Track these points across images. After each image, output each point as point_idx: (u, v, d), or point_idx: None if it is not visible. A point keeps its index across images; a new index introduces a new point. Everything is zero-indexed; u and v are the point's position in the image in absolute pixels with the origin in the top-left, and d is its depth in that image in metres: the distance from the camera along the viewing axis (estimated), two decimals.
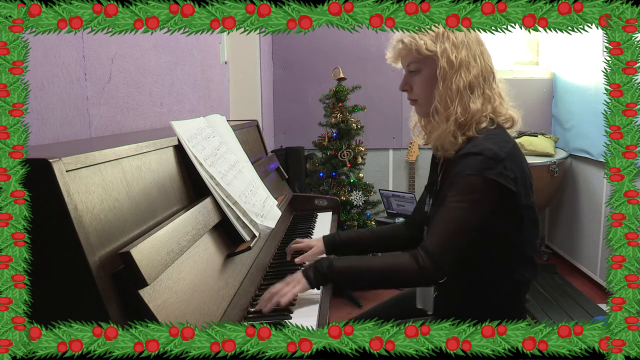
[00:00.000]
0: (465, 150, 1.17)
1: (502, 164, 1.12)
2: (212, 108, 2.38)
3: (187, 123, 1.26)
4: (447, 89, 1.20)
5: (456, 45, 1.19)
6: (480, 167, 1.12)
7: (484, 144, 1.15)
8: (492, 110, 1.22)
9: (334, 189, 3.16)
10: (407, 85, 1.28)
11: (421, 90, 1.25)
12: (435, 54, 1.20)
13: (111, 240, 0.82)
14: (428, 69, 1.22)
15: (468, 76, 1.19)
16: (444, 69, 1.19)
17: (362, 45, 3.85)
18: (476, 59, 1.21)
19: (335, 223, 2.01)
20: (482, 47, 1.24)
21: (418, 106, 1.30)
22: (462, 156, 1.16)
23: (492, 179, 1.11)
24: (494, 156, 1.12)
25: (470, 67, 1.20)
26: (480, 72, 1.21)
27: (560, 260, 3.65)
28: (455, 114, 1.19)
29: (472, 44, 1.21)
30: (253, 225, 1.29)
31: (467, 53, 1.20)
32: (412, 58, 1.23)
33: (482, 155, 1.13)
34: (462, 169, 1.14)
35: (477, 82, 1.21)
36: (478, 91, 1.21)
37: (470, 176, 1.13)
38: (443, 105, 1.21)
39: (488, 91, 1.22)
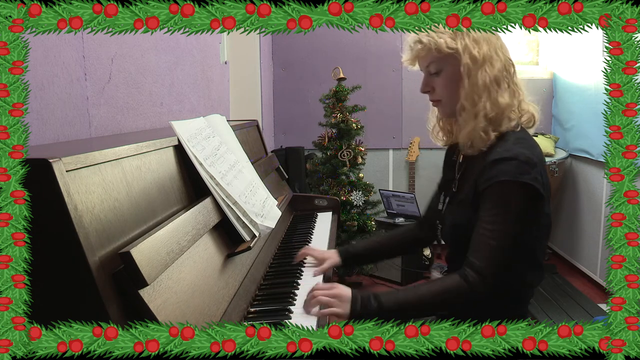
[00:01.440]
0: (496, 155, 1.13)
1: (536, 169, 1.11)
2: (212, 108, 2.38)
3: (187, 123, 1.26)
4: (473, 86, 1.17)
5: (477, 40, 1.17)
6: (515, 172, 1.09)
7: (516, 149, 1.12)
8: (518, 105, 1.21)
9: (334, 189, 3.16)
10: (428, 87, 1.25)
11: (444, 90, 1.23)
12: (457, 51, 1.17)
13: (111, 240, 0.82)
14: (450, 68, 1.20)
15: (493, 70, 1.17)
16: (468, 65, 1.16)
17: (362, 45, 3.85)
18: (498, 52, 1.19)
19: (335, 223, 2.01)
20: (500, 41, 1.22)
21: (442, 106, 1.27)
22: (495, 162, 1.12)
23: (528, 183, 1.09)
24: (527, 160, 1.10)
25: (493, 60, 1.17)
26: (504, 65, 1.19)
27: (560, 260, 3.65)
28: (484, 109, 1.17)
29: (491, 37, 1.19)
30: (253, 225, 1.29)
31: (489, 47, 1.17)
32: (432, 58, 1.21)
33: (516, 160, 1.10)
34: (495, 174, 1.11)
35: (501, 75, 1.18)
36: (504, 84, 1.19)
37: (506, 183, 1.10)
38: (470, 102, 1.18)
39: (512, 84, 1.21)
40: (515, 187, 1.10)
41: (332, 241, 1.76)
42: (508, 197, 1.10)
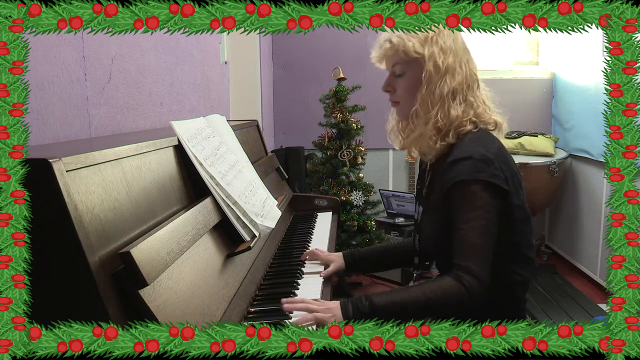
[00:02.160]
0: (453, 156, 1.16)
1: (493, 165, 1.13)
2: (212, 108, 2.38)
3: (187, 123, 1.26)
4: (430, 93, 1.19)
5: (444, 50, 1.19)
6: (471, 171, 1.12)
7: (470, 148, 1.15)
8: (475, 115, 1.22)
9: (334, 189, 3.16)
10: (390, 87, 1.28)
11: (404, 93, 1.25)
12: (423, 57, 1.19)
13: (111, 240, 0.82)
14: (413, 72, 1.22)
15: (452, 82, 1.19)
16: (430, 72, 1.19)
17: (362, 46, 3.84)
18: (462, 66, 1.21)
19: (335, 223, 2.01)
20: (468, 55, 1.24)
21: (400, 108, 1.30)
22: (451, 163, 1.15)
23: (485, 180, 1.12)
24: (482, 158, 1.13)
25: (455, 73, 1.20)
26: (465, 80, 1.21)
27: (560, 260, 3.65)
28: (434, 117, 1.19)
29: (459, 50, 1.21)
30: (253, 225, 1.29)
31: (454, 59, 1.20)
32: (398, 59, 1.23)
33: (471, 159, 1.13)
34: (453, 175, 1.14)
35: (460, 88, 1.20)
36: (460, 98, 1.21)
37: (464, 182, 1.12)
38: (424, 109, 1.21)
39: (471, 97, 1.22)
40: (475, 185, 1.12)
41: (332, 241, 1.76)
42: (470, 195, 1.12)
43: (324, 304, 1.12)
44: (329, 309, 1.10)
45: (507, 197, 1.16)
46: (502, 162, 1.16)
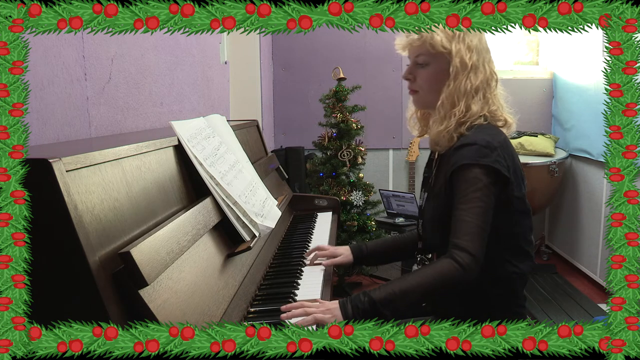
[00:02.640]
0: (458, 143, 1.21)
1: (496, 152, 1.17)
2: (212, 108, 2.38)
3: (187, 123, 1.25)
4: (456, 88, 1.24)
5: (470, 48, 1.24)
6: (475, 155, 1.16)
7: (476, 135, 1.20)
8: (488, 111, 1.27)
9: (334, 189, 3.16)
10: (411, 75, 1.31)
11: (425, 83, 1.28)
12: (449, 53, 1.23)
13: (111, 240, 0.82)
14: (437, 65, 1.26)
15: (475, 80, 1.24)
16: (457, 68, 1.23)
17: (361, 46, 3.85)
18: (484, 65, 1.26)
19: (335, 223, 2.01)
20: (489, 55, 1.29)
21: (417, 97, 1.33)
22: (457, 148, 1.20)
23: (488, 165, 1.15)
24: (487, 145, 1.17)
25: (478, 71, 1.24)
26: (486, 78, 1.26)
27: (560, 260, 3.65)
28: (459, 112, 1.23)
29: (482, 50, 1.26)
30: (253, 225, 1.29)
31: (478, 58, 1.24)
32: (424, 50, 1.26)
33: (476, 144, 1.17)
34: (456, 160, 1.18)
35: (481, 86, 1.25)
36: (480, 95, 1.25)
37: (467, 165, 1.16)
38: (450, 103, 1.24)
39: (488, 95, 1.27)
40: (477, 169, 1.16)
41: (332, 241, 1.76)
42: (472, 178, 1.16)
43: (322, 305, 1.12)
44: (328, 310, 1.10)
45: (507, 185, 1.19)
46: (505, 152, 1.20)
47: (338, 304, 1.11)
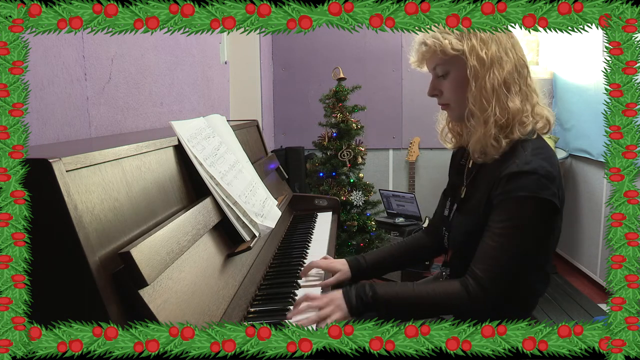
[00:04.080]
0: (515, 167, 1.07)
1: (555, 183, 1.07)
2: (212, 108, 2.38)
3: (187, 123, 1.25)
4: (480, 90, 1.11)
5: (484, 40, 1.11)
6: (534, 187, 1.05)
7: (535, 161, 1.07)
8: (532, 109, 1.14)
9: (334, 189, 3.16)
10: (435, 90, 1.20)
11: (452, 94, 1.18)
12: (463, 53, 1.12)
13: (111, 240, 0.82)
14: (457, 70, 1.15)
15: (502, 73, 1.10)
16: (475, 67, 1.10)
17: (361, 46, 3.85)
18: (508, 53, 1.12)
19: (335, 223, 2.01)
20: (512, 40, 1.14)
21: (451, 111, 1.22)
22: (513, 175, 1.07)
23: (547, 199, 1.05)
24: (547, 174, 1.06)
25: (502, 62, 1.11)
26: (515, 67, 1.12)
27: (560, 260, 3.65)
28: (494, 115, 1.11)
29: (501, 37, 1.12)
30: (253, 225, 1.29)
31: (498, 47, 1.11)
32: (438, 60, 1.16)
33: (536, 174, 1.05)
34: (513, 188, 1.06)
35: (512, 78, 1.12)
36: (515, 88, 1.12)
37: (524, 198, 1.05)
38: (479, 108, 1.12)
39: (524, 87, 1.14)
40: (534, 203, 1.05)
41: (332, 241, 1.76)
42: (524, 213, 1.06)
43: (326, 296, 1.12)
44: (331, 301, 1.09)
45: (557, 216, 1.11)
46: (561, 180, 1.10)
47: (342, 293, 1.10)
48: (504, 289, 1.08)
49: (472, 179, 1.24)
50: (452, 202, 1.31)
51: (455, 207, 1.28)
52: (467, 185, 1.25)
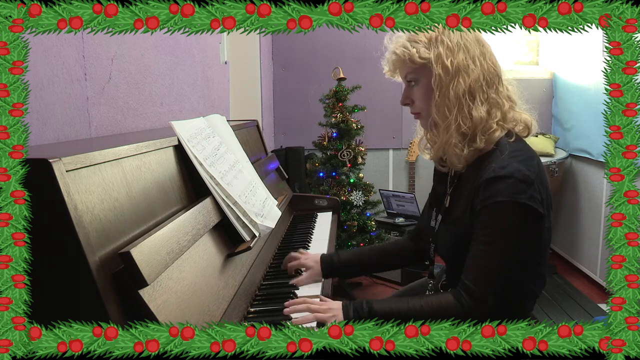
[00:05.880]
0: (491, 173, 1.07)
1: (533, 187, 1.06)
2: (212, 108, 2.38)
3: (187, 123, 1.25)
4: (444, 98, 1.11)
5: (451, 48, 1.10)
6: (511, 191, 1.05)
7: (512, 165, 1.07)
8: (502, 116, 1.14)
9: (334, 189, 3.16)
10: (407, 99, 1.21)
11: (421, 102, 1.17)
12: (430, 61, 1.12)
13: (111, 240, 0.82)
14: (426, 79, 1.14)
15: (467, 81, 1.10)
16: (439, 76, 1.11)
17: (361, 46, 3.85)
18: (475, 61, 1.11)
19: (335, 223, 2.01)
20: (482, 48, 1.14)
21: (422, 119, 1.22)
22: (490, 180, 1.07)
23: (523, 202, 1.05)
24: (524, 178, 1.05)
25: (469, 70, 1.10)
26: (482, 76, 1.12)
27: (560, 260, 3.65)
28: (455, 122, 1.11)
29: (470, 45, 1.12)
30: (253, 225, 1.29)
31: (465, 56, 1.11)
32: (408, 69, 1.17)
33: (512, 178, 1.05)
34: (490, 194, 1.06)
35: (478, 86, 1.11)
36: (481, 97, 1.12)
37: (502, 203, 1.05)
38: (441, 116, 1.12)
39: (494, 95, 1.14)
40: (512, 207, 1.05)
41: (332, 241, 1.76)
42: (504, 218, 1.06)
43: (325, 304, 1.12)
44: (330, 309, 1.10)
45: (540, 219, 1.10)
46: (540, 182, 1.09)
47: (341, 305, 1.11)
48: (496, 296, 1.07)
49: (455, 187, 1.24)
50: (437, 212, 1.30)
51: (440, 218, 1.27)
52: (451, 193, 1.25)
